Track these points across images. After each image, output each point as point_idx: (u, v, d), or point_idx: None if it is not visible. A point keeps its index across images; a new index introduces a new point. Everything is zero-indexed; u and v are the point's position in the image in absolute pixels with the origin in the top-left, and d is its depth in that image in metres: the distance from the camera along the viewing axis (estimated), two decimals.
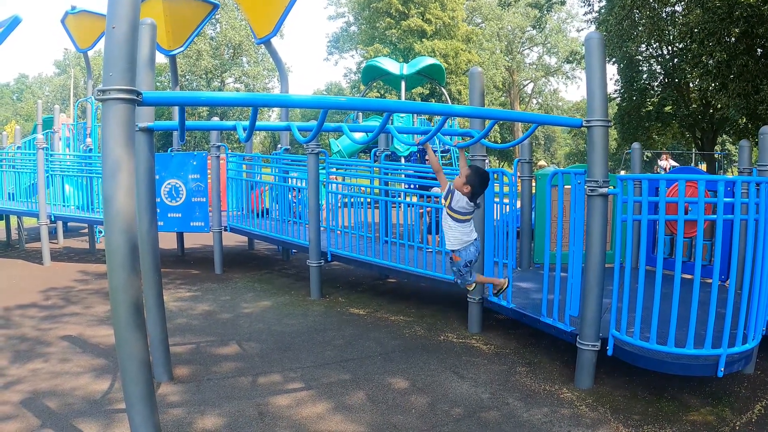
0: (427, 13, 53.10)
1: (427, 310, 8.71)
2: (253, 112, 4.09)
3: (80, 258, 14.01)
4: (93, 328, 7.79)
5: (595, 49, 5.49)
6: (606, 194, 5.39)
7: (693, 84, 30.88)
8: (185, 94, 3.56)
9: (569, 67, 67.62)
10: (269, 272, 12.04)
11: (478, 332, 7.55)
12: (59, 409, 5.16)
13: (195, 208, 11.72)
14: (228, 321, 8.18)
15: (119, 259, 3.35)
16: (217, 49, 60.95)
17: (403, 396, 5.50)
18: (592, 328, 5.50)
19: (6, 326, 7.85)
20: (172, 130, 5.53)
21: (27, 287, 10.43)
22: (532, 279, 8.53)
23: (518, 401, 5.38)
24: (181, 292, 9.98)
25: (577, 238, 5.99)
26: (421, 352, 6.83)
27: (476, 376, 6.01)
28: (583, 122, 5.50)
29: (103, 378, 5.91)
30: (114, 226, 3.34)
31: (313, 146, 9.06)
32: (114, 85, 3.22)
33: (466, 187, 5.36)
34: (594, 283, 5.46)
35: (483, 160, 7.33)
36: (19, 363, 6.37)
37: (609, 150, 5.88)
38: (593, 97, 5.47)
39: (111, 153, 3.26)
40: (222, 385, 5.74)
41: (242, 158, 13.77)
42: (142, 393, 3.51)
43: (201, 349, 6.94)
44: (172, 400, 5.34)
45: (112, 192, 3.31)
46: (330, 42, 66.78)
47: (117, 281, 3.36)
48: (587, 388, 5.64)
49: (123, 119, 3.27)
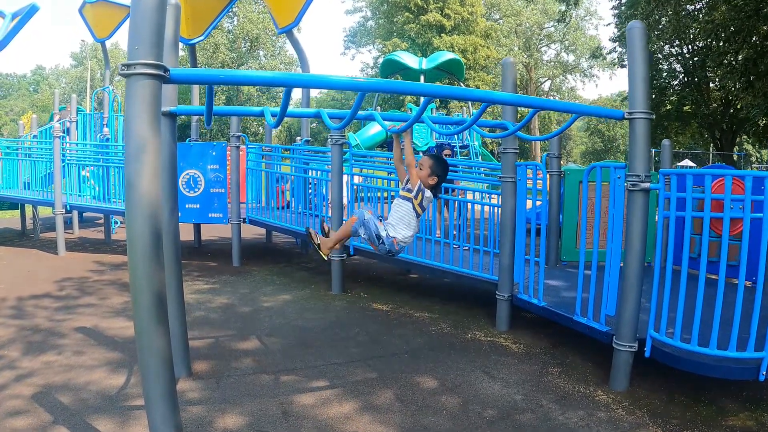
0: (446, 8, 52.83)
1: (452, 306, 8.46)
2: (286, 95, 3.82)
3: (95, 248, 13.87)
4: (108, 319, 7.59)
5: (637, 39, 5.27)
6: (648, 189, 5.16)
7: (714, 83, 30.61)
8: (216, 72, 3.18)
9: (587, 64, 67.41)
10: (288, 265, 11.84)
11: (506, 330, 7.30)
12: (72, 404, 4.93)
13: (213, 198, 11.54)
14: (247, 315, 7.96)
15: (142, 249, 3.06)
16: (234, 42, 60.95)
17: (433, 396, 5.26)
18: (630, 328, 5.28)
19: (19, 316, 7.65)
20: (197, 114, 5.29)
21: (41, 277, 10.26)
22: (561, 276, 8.29)
23: (553, 403, 5.14)
24: (198, 284, 9.77)
25: (616, 235, 5.73)
26: (449, 350, 6.59)
27: (507, 377, 5.76)
28: (625, 114, 5.25)
29: (118, 372, 5.69)
30: (137, 212, 3.06)
31: (338, 137, 8.83)
32: (140, 59, 2.96)
33: (432, 179, 5.07)
34: (633, 282, 5.25)
35: (515, 154, 7.10)
36: (31, 355, 6.15)
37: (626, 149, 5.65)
38: (635, 88, 5.23)
39: (135, 133, 2.99)
40: (243, 382, 5.50)
41: (261, 149, 13.60)
42: (163, 391, 3.23)
43: (220, 343, 6.71)
44: (191, 397, 5.11)
45: (135, 175, 3.03)
46: (347, 37, 66.68)
47: (139, 272, 3.08)
48: (623, 390, 5.41)
49: (149, 96, 2.99)
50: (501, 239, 7.24)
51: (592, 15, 65.32)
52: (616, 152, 70.67)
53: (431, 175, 5.04)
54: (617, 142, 70.46)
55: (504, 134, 6.07)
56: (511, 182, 7.13)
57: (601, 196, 6.07)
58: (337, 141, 8.90)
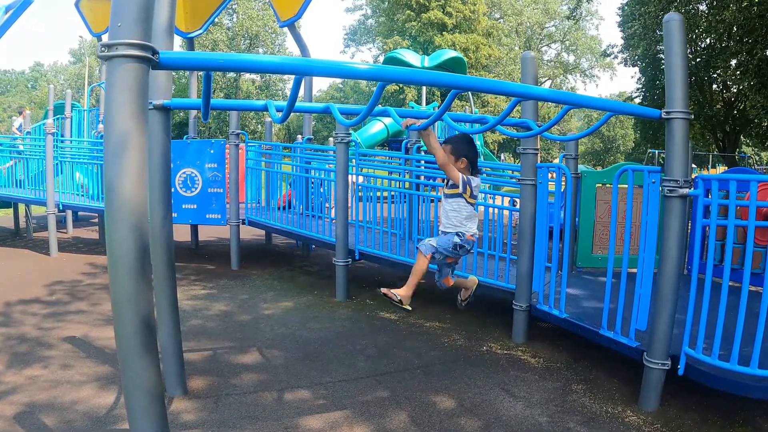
0: (448, 6, 52.49)
1: (464, 316, 7.97)
2: (296, 85, 3.33)
3: (89, 249, 13.41)
4: (99, 328, 7.13)
5: (675, 32, 4.83)
6: (686, 195, 4.75)
7: (717, 84, 30.37)
8: (217, 56, 2.63)
9: (588, 64, 67.27)
10: (289, 269, 11.35)
11: (523, 342, 6.84)
12: (57, 427, 4.47)
13: (211, 199, 11.09)
14: (247, 324, 7.49)
15: (125, 265, 2.52)
16: (233, 39, 60.69)
17: (451, 418, 4.80)
18: (663, 344, 4.86)
19: (5, 324, 7.20)
20: (193, 108, 4.84)
21: (31, 280, 9.79)
22: (578, 284, 7.84)
23: (580, 426, 4.69)
24: (195, 290, 9.30)
25: (649, 244, 5.29)
26: (464, 365, 6.12)
27: (529, 395, 5.31)
28: (662, 113, 4.82)
29: (107, 390, 5.22)
30: (118, 221, 2.52)
31: (343, 134, 8.38)
32: (122, 38, 2.42)
33: (462, 162, 4.94)
34: (668, 295, 4.83)
35: (535, 155, 6.67)
36: (16, 368, 5.69)
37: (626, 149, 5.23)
38: (673, 86, 4.80)
39: (116, 127, 2.46)
40: (243, 402, 5.03)
41: (261, 147, 13.19)
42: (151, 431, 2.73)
43: (218, 356, 6.24)
44: (186, 420, 4.63)
45: (116, 177, 2.48)
46: (347, 35, 66.48)
47: (122, 293, 2.54)
48: (653, 410, 4.98)
49: (133, 83, 2.47)
50: (519, 245, 6.81)
51: (593, 15, 65.19)
52: (616, 153, 70.53)
53: (458, 160, 4.91)
54: (617, 143, 70.26)
55: (529, 134, 5.65)
56: (531, 185, 6.70)
57: (618, 200, 5.65)
58: (343, 139, 8.44)
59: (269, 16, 62.59)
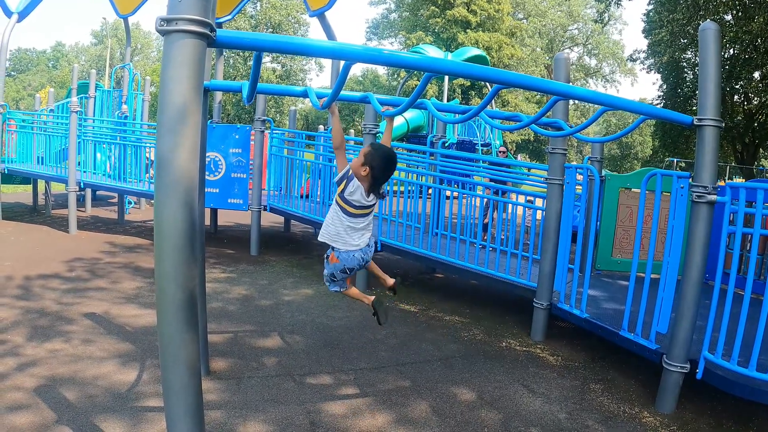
0: (473, 3, 52.29)
1: (482, 311, 8.00)
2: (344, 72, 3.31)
3: (108, 228, 13.50)
4: (119, 306, 7.19)
5: (710, 41, 4.85)
6: (714, 202, 4.74)
7: (738, 96, 30.18)
8: (272, 38, 2.64)
9: (609, 69, 66.95)
10: (308, 257, 11.39)
11: (541, 340, 6.85)
12: (78, 401, 4.52)
13: (234, 184, 11.14)
14: (267, 308, 7.54)
15: (173, 239, 2.50)
16: (256, 28, 60.65)
17: (472, 411, 4.83)
18: (683, 348, 4.89)
19: (26, 297, 7.27)
20: (234, 90, 4.80)
21: (51, 256, 9.88)
22: (598, 286, 7.83)
23: (598, 424, 4.72)
24: (215, 273, 9.35)
25: (674, 248, 5.29)
26: (484, 359, 6.15)
27: (548, 392, 5.33)
28: (694, 120, 4.84)
29: (129, 366, 5.28)
30: (170, 194, 2.50)
31: (371, 125, 8.36)
32: (183, 13, 2.44)
33: (364, 170, 4.32)
34: (691, 300, 4.86)
35: (563, 155, 6.67)
36: (36, 341, 5.75)
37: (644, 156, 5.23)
38: (706, 94, 4.83)
39: (172, 101, 2.47)
40: (265, 385, 5.08)
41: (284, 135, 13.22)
42: (189, 407, 2.65)
43: (239, 339, 6.29)
44: (210, 400, 4.67)
45: (170, 150, 2.47)
46: (369, 28, 66.39)
47: (168, 267, 2.52)
48: (669, 413, 5.01)
49: (191, 58, 2.47)
50: (543, 244, 6.82)
51: (617, 19, 64.85)
52: (633, 159, 70.13)
53: (363, 165, 4.34)
54: (635, 149, 69.85)
55: (562, 133, 5.66)
56: (558, 185, 6.70)
57: (634, 204, 5.66)
58: (371, 130, 8.42)
59: (292, 5, 62.58)
